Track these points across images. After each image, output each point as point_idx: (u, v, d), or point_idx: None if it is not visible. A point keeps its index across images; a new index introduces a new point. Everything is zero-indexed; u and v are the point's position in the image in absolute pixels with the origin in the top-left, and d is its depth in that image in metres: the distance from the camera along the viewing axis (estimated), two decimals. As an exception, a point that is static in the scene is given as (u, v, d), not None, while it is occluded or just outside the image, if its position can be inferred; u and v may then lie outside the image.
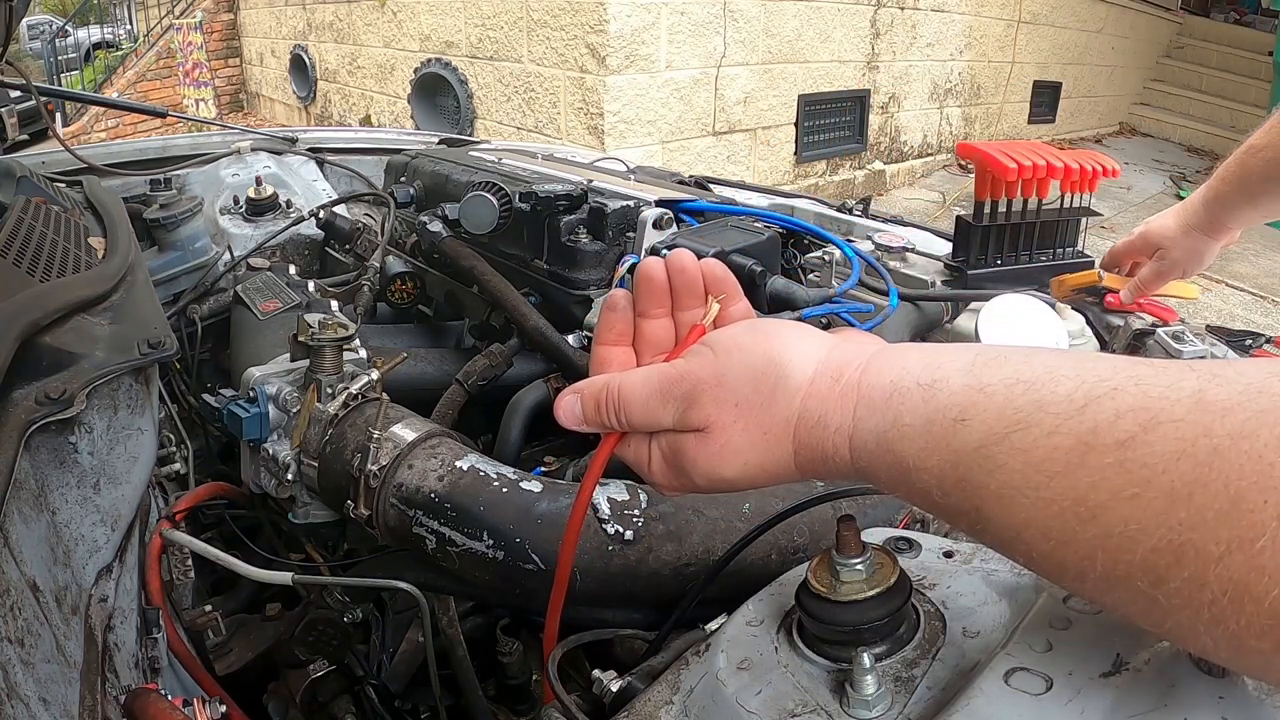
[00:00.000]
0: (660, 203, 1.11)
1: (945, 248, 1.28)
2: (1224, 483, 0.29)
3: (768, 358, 0.45)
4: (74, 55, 10.75)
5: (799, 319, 0.98)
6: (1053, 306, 1.08)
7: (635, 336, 0.53)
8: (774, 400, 0.44)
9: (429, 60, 6.12)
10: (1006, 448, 0.35)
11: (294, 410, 0.92)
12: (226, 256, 1.46)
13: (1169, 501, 0.30)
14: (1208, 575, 0.29)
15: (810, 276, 1.21)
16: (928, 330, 1.16)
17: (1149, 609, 0.32)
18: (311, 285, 1.30)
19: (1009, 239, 1.19)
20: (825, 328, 0.54)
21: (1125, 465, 0.31)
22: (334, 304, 1.22)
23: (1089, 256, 1.23)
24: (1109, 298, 1.13)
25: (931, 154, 7.41)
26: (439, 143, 1.92)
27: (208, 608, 0.93)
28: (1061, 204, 1.19)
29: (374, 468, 0.82)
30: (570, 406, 0.50)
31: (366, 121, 7.09)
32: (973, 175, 1.20)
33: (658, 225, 1.07)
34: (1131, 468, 0.31)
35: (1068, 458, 0.33)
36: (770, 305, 1.02)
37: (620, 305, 0.53)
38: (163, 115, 2.09)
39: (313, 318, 0.95)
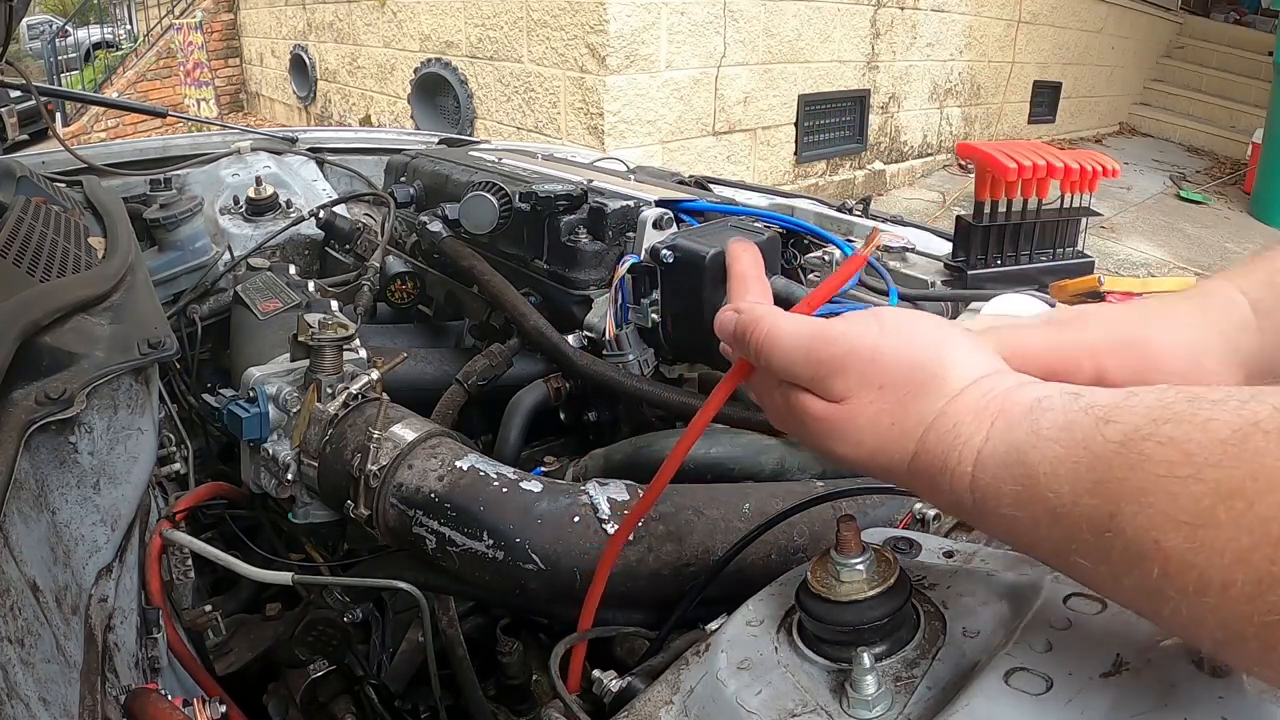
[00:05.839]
0: (660, 203, 1.10)
1: (945, 248, 1.28)
2: None
3: (936, 354, 0.43)
4: (74, 55, 10.74)
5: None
6: (1053, 307, 1.08)
7: None
8: (919, 395, 0.42)
9: (429, 60, 6.12)
10: (1154, 442, 0.33)
11: (294, 410, 0.92)
12: (226, 256, 1.46)
13: None
14: None
15: (810, 277, 1.21)
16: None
17: None
18: (311, 285, 1.30)
19: (1009, 239, 1.19)
20: None
21: None
22: (334, 304, 1.22)
23: (1089, 257, 1.23)
24: (1109, 298, 1.13)
25: (931, 154, 7.41)
26: (439, 143, 1.92)
27: (208, 608, 0.93)
28: (1061, 204, 1.19)
29: (374, 468, 0.82)
30: (728, 322, 0.50)
31: (366, 121, 7.09)
32: (973, 175, 1.20)
33: (658, 225, 1.07)
34: None
35: (1224, 447, 0.31)
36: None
37: (746, 257, 0.55)
38: (163, 115, 2.09)
39: (313, 318, 0.95)
